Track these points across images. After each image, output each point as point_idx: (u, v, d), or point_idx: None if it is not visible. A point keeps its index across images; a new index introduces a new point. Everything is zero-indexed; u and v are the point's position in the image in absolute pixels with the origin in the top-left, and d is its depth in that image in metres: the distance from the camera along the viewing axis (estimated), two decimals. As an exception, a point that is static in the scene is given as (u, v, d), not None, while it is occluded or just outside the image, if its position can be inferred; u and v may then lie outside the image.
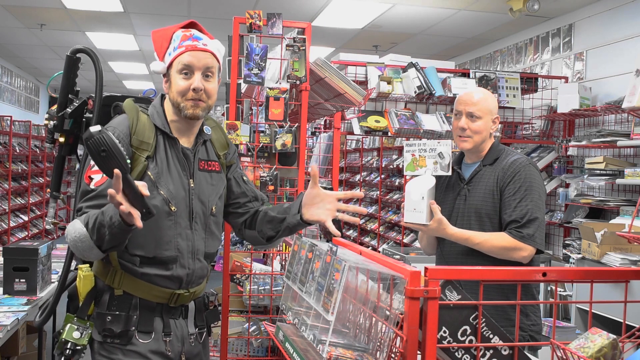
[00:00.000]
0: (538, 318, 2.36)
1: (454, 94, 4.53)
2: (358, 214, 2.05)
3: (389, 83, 4.51)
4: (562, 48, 5.72)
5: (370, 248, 5.11)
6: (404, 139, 4.81)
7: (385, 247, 6.18)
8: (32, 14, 6.65)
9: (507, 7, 5.34)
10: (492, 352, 1.30)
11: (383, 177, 8.01)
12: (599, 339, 1.25)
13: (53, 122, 1.97)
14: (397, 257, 4.55)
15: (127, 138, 1.81)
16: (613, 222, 4.31)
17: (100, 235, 1.65)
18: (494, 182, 2.35)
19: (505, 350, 1.31)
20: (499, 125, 3.75)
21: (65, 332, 1.80)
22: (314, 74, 2.93)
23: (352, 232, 9.03)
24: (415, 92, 4.53)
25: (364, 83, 4.60)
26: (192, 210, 1.90)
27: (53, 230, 10.76)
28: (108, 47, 8.14)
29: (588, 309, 1.40)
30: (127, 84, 11.83)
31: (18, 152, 9.34)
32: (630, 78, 1.97)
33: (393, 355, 1.26)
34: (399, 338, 1.23)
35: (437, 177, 2.46)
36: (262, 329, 2.96)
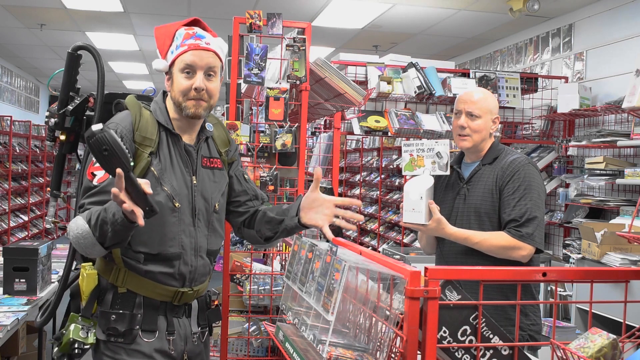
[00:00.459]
0: (538, 318, 2.36)
1: (454, 94, 4.53)
2: (355, 221, 2.04)
3: (389, 83, 4.51)
4: (562, 48, 5.72)
5: (370, 248, 5.11)
6: (404, 139, 4.81)
7: (385, 247, 6.18)
8: (32, 14, 6.65)
9: (507, 7, 5.34)
10: (492, 352, 1.30)
11: (383, 177, 8.01)
12: (599, 339, 1.25)
13: (54, 119, 1.95)
14: (397, 257, 4.55)
15: (130, 134, 1.81)
16: (613, 222, 4.31)
17: (103, 232, 1.65)
18: (493, 181, 2.35)
19: (505, 350, 1.31)
20: (499, 125, 3.74)
21: (71, 331, 1.78)
22: (314, 74, 2.93)
23: (352, 232, 9.03)
24: (415, 92, 4.53)
25: (364, 83, 4.59)
26: (195, 207, 1.89)
27: (53, 230, 10.76)
28: (108, 47, 8.14)
29: (588, 309, 1.40)
30: (127, 84, 11.84)
31: (18, 152, 9.34)
32: (630, 78, 1.97)
33: (393, 355, 1.26)
34: (399, 338, 1.23)
35: (436, 176, 2.46)
36: (262, 329, 2.96)
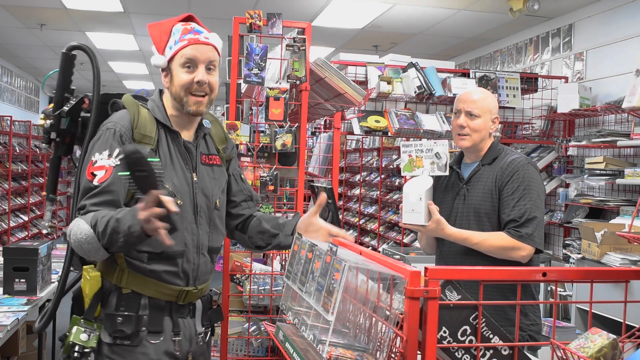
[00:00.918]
0: (537, 318, 2.36)
1: (454, 94, 4.53)
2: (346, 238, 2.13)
3: (389, 83, 4.51)
4: (562, 48, 5.72)
5: (370, 248, 5.11)
6: (404, 139, 4.81)
7: (385, 247, 6.18)
8: (32, 14, 6.65)
9: (507, 7, 5.34)
10: (492, 352, 1.30)
11: (383, 177, 8.01)
12: (599, 339, 1.25)
13: (49, 121, 1.91)
14: (397, 257, 4.55)
15: (129, 132, 1.80)
16: (613, 222, 4.31)
17: (113, 241, 1.65)
18: (493, 181, 2.35)
19: (505, 350, 1.31)
20: (499, 125, 3.75)
21: (72, 334, 1.76)
22: (314, 74, 2.93)
23: (352, 232, 9.03)
24: (415, 92, 4.53)
25: (364, 83, 4.59)
26: (196, 205, 1.90)
27: (53, 231, 10.75)
28: (108, 47, 8.14)
29: (588, 309, 1.40)
30: (127, 84, 11.83)
31: (18, 152, 9.33)
32: (630, 78, 1.98)
33: (393, 355, 1.26)
34: (399, 338, 1.23)
35: (436, 177, 2.46)
36: (262, 329, 2.96)
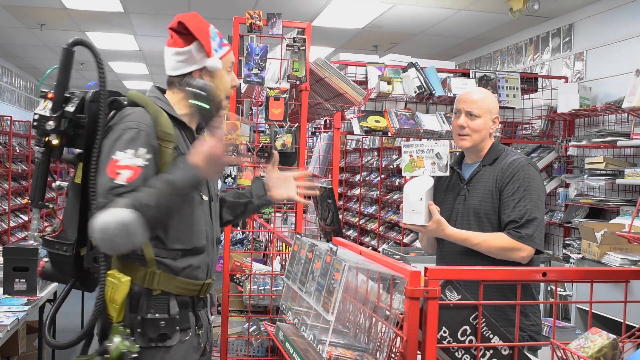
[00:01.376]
0: (538, 318, 2.35)
1: (454, 94, 4.53)
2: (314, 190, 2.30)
3: (389, 83, 4.51)
4: (562, 48, 5.72)
5: (370, 248, 5.11)
6: (404, 139, 4.81)
7: (385, 247, 6.18)
8: (32, 14, 6.65)
9: (507, 7, 5.34)
10: (492, 352, 1.30)
11: (383, 177, 8.01)
12: (599, 339, 1.25)
13: (52, 122, 1.78)
14: (397, 257, 4.55)
15: (153, 131, 1.76)
16: (613, 222, 4.31)
17: (169, 206, 1.68)
18: (493, 182, 2.34)
19: (505, 350, 1.31)
20: (499, 125, 3.74)
21: (120, 343, 1.71)
22: (314, 74, 2.93)
23: (352, 232, 9.03)
24: (415, 92, 4.53)
25: (364, 83, 4.59)
26: (210, 198, 1.95)
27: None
28: (108, 47, 8.14)
29: (588, 309, 1.40)
30: (127, 84, 11.83)
31: (18, 152, 9.34)
32: (630, 78, 1.98)
33: (393, 355, 1.26)
34: (399, 338, 1.23)
35: (437, 177, 2.46)
36: (262, 329, 2.96)
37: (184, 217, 1.80)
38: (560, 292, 4.47)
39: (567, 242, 4.90)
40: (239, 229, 3.86)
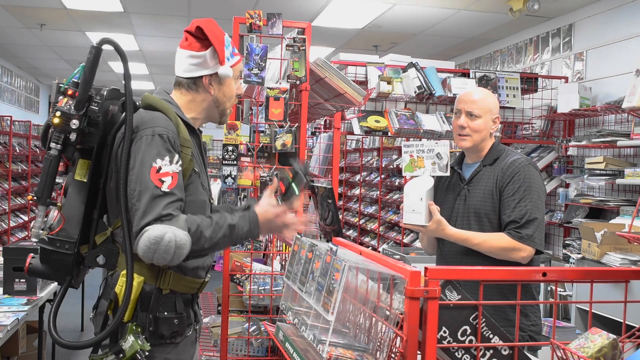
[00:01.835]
0: (538, 318, 2.35)
1: (454, 94, 4.53)
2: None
3: (389, 83, 4.51)
4: (562, 48, 5.72)
5: (370, 248, 5.11)
6: (404, 139, 4.81)
7: (385, 247, 6.18)
8: (32, 14, 6.65)
9: (507, 7, 5.34)
10: (492, 352, 1.30)
11: (383, 177, 8.01)
12: (599, 339, 1.25)
13: (76, 121, 1.70)
14: (397, 257, 4.55)
15: (177, 138, 1.78)
16: (613, 222, 4.31)
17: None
18: (494, 182, 2.34)
19: (505, 350, 1.31)
20: (499, 125, 3.75)
21: (135, 342, 1.71)
22: (314, 74, 2.94)
23: (352, 232, 9.03)
24: (415, 92, 4.53)
25: (364, 83, 4.59)
26: (209, 198, 1.99)
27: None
28: (108, 47, 8.12)
29: (588, 309, 1.40)
30: (127, 84, 11.82)
31: (18, 152, 9.33)
32: (630, 78, 1.98)
33: (393, 355, 1.26)
34: (399, 338, 1.23)
35: (437, 177, 2.46)
36: (262, 329, 2.96)
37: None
38: (560, 292, 4.47)
39: (567, 242, 4.90)
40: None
